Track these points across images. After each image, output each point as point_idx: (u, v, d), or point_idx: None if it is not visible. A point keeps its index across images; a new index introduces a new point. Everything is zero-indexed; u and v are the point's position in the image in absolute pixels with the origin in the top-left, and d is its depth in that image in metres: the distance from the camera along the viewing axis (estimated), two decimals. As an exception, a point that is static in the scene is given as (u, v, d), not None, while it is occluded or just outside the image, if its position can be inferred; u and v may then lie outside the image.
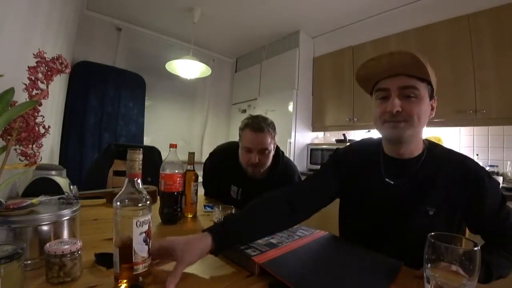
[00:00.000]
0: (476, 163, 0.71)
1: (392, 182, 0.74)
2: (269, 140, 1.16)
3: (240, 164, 1.23)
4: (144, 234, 0.47)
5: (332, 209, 1.19)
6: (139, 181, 0.49)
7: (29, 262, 0.49)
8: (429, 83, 0.68)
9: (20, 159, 0.53)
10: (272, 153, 1.21)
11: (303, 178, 1.10)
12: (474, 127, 2.06)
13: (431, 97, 0.70)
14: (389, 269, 0.59)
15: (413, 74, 0.66)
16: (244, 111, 3.61)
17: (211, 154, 1.43)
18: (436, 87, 0.71)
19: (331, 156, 0.89)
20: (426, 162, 0.72)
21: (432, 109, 0.72)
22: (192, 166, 1.01)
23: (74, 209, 0.57)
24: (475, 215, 0.68)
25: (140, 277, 0.47)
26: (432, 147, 0.75)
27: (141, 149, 0.49)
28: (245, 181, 1.24)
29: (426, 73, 0.63)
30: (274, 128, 1.20)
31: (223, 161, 1.34)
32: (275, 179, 1.20)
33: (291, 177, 1.27)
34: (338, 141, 2.70)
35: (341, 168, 0.83)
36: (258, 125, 1.15)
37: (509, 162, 1.86)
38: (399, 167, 0.74)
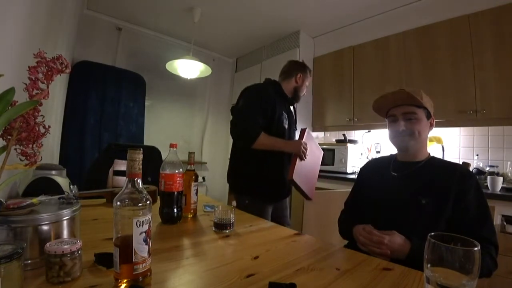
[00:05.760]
0: (465, 167, 0.90)
1: (396, 174, 0.97)
2: None
3: (283, 96, 1.55)
4: (144, 234, 0.47)
5: (332, 212, 1.19)
6: (139, 181, 0.49)
7: (29, 262, 0.49)
8: (424, 108, 0.93)
9: (20, 159, 0.53)
10: None
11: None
12: (474, 127, 2.06)
13: (429, 117, 0.95)
14: None
15: (411, 103, 0.92)
16: (244, 111, 3.60)
17: (260, 87, 1.54)
18: (432, 109, 0.95)
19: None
20: (426, 165, 0.93)
21: (431, 125, 0.96)
22: (192, 166, 1.01)
23: (74, 209, 0.57)
24: (459, 207, 0.81)
25: (140, 277, 0.47)
26: (434, 157, 0.97)
27: (141, 149, 0.49)
28: (288, 109, 1.58)
29: (420, 102, 0.91)
30: None
31: (276, 93, 1.52)
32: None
33: None
34: (338, 141, 2.70)
35: (361, 176, 1.14)
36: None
37: (509, 162, 1.86)
38: (404, 166, 0.97)
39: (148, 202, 0.48)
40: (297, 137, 1.56)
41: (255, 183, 1.43)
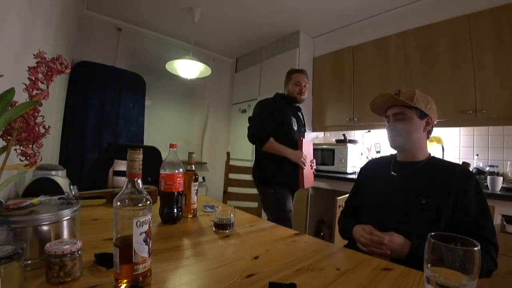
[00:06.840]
0: (465, 167, 0.90)
1: (396, 174, 0.97)
2: (307, 79, 1.85)
3: (289, 104, 1.84)
4: (144, 234, 0.47)
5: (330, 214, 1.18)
6: (139, 181, 0.49)
7: (29, 262, 0.49)
8: (417, 108, 0.92)
9: (20, 159, 0.53)
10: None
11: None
12: (474, 127, 2.06)
13: (422, 116, 0.94)
14: None
15: (400, 104, 0.95)
16: (244, 111, 3.60)
17: (270, 99, 1.87)
18: (427, 109, 0.93)
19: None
20: (426, 165, 0.93)
21: (428, 124, 0.95)
22: (192, 166, 1.01)
23: (74, 209, 0.57)
24: (459, 207, 0.81)
25: (140, 277, 0.47)
26: (434, 157, 0.97)
27: (141, 149, 0.49)
28: (296, 114, 1.87)
29: (405, 103, 0.92)
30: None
31: (285, 102, 1.84)
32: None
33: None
34: (338, 141, 2.70)
35: (361, 176, 1.14)
36: (301, 69, 1.87)
37: (509, 162, 1.86)
38: (404, 166, 0.97)
39: (148, 202, 0.48)
40: (306, 138, 1.91)
41: (277, 176, 1.74)
